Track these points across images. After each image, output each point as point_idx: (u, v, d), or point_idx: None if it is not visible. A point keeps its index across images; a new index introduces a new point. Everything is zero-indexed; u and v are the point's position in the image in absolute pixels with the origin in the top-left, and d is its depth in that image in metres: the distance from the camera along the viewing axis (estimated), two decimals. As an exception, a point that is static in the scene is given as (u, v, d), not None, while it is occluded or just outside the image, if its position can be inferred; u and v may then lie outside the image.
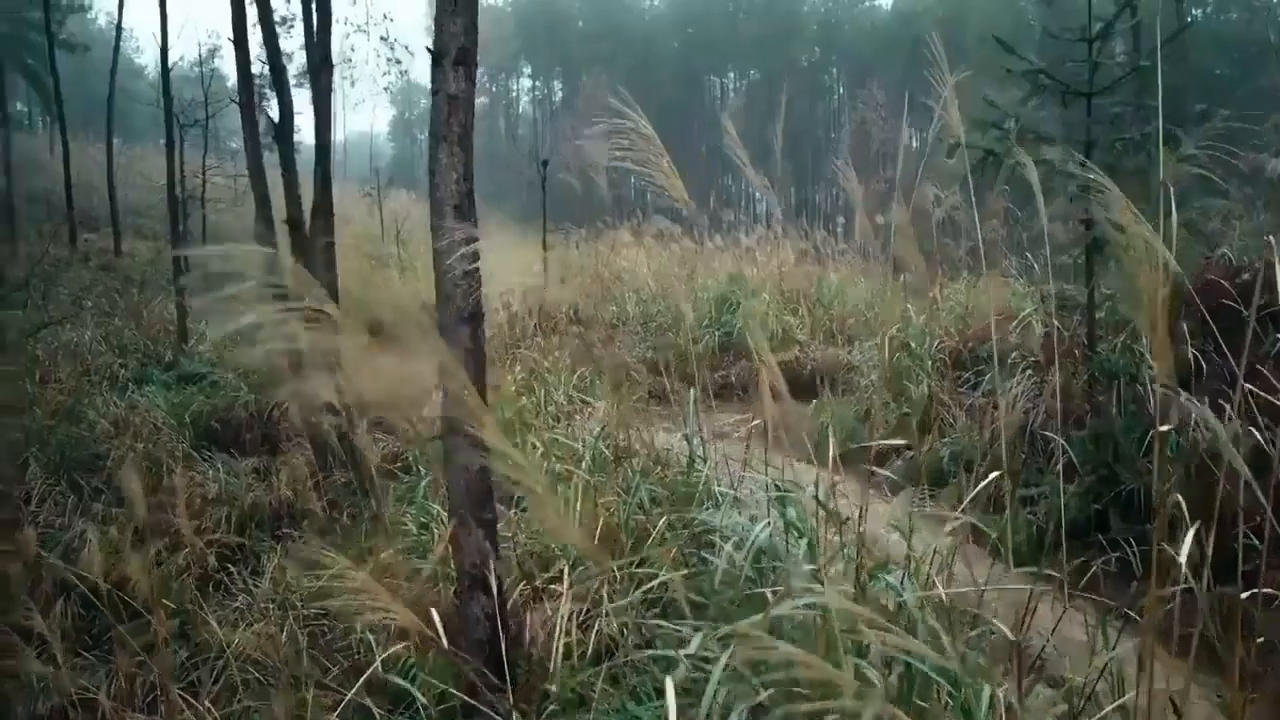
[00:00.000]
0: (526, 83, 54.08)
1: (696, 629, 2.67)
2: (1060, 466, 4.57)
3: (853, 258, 15.22)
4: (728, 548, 2.59)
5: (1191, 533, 2.08)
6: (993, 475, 3.41)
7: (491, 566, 2.87)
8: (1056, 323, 4.16)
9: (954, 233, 11.74)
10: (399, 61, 25.92)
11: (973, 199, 3.36)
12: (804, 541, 2.83)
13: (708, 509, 3.50)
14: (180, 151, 18.35)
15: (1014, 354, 5.49)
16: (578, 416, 6.82)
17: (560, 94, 50.31)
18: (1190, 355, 4.39)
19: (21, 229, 20.41)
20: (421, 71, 45.82)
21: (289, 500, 7.20)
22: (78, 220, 21.31)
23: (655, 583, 2.88)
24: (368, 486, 7.01)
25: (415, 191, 37.55)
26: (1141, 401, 4.33)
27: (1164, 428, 2.34)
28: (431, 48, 2.92)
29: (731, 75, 46.32)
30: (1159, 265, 1.88)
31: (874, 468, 3.26)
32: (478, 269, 2.81)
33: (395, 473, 6.71)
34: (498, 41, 48.32)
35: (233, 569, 6.06)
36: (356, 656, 4.01)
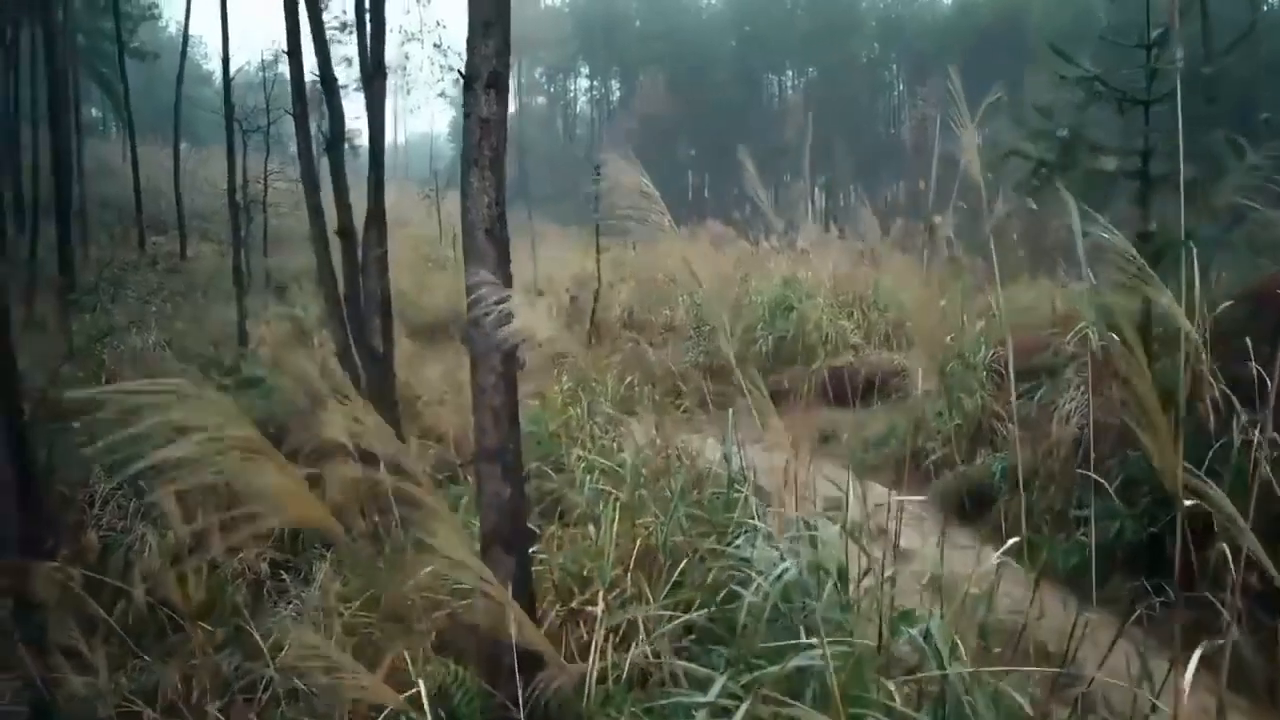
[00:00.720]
0: (584, 83, 54.45)
1: (727, 662, 2.63)
2: (1115, 486, 4.44)
3: (909, 259, 14.99)
4: (756, 584, 2.54)
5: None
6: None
7: (524, 594, 2.85)
8: (1114, 335, 4.01)
9: (1018, 234, 11.49)
10: (452, 68, 26.16)
11: (1031, 204, 3.25)
12: (830, 582, 2.75)
13: (745, 532, 3.44)
14: (243, 157, 18.78)
15: (1068, 367, 5.34)
16: (624, 427, 6.78)
17: (618, 93, 50.44)
18: (1255, 373, 4.22)
19: (93, 233, 21.01)
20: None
21: (339, 507, 7.28)
22: (146, 224, 21.86)
23: (683, 619, 2.84)
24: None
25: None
26: (1202, 419, 4.16)
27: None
28: (464, 71, 2.91)
29: (789, 73, 45.95)
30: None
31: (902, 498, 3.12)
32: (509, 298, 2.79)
33: (444, 482, 6.75)
34: (555, 42, 48.54)
35: (285, 576, 6.14)
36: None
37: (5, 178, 19.08)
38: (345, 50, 26.28)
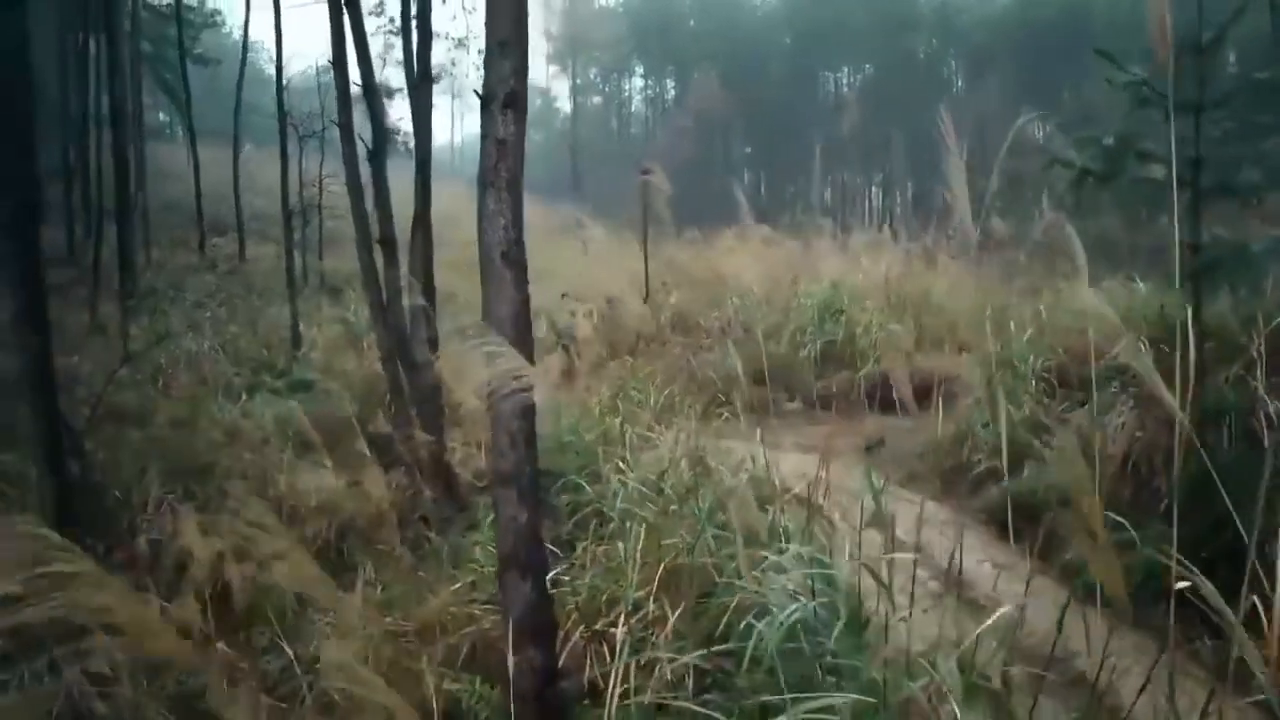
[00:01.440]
0: (639, 82, 54.41)
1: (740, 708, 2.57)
2: (1166, 507, 4.29)
3: (964, 261, 14.70)
4: (771, 618, 2.48)
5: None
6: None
7: (541, 618, 2.82)
8: (1166, 348, 3.87)
9: (1080, 238, 11.17)
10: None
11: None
12: (840, 623, 2.68)
13: (772, 556, 3.36)
14: (299, 161, 19.11)
15: (1115, 379, 5.16)
16: (662, 440, 6.71)
17: (673, 92, 50.32)
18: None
19: (157, 235, 21.52)
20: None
21: (382, 516, 7.34)
22: (207, 227, 22.33)
23: (697, 655, 2.78)
24: (461, 504, 7.12)
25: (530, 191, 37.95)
26: (1257, 440, 3.99)
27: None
28: (480, 90, 2.88)
29: (845, 70, 45.33)
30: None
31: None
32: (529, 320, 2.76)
33: (482, 490, 6.76)
34: (610, 42, 48.56)
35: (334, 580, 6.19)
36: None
37: (74, 182, 19.63)
38: (398, 54, 26.68)
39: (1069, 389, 6.55)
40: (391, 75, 27.42)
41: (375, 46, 25.38)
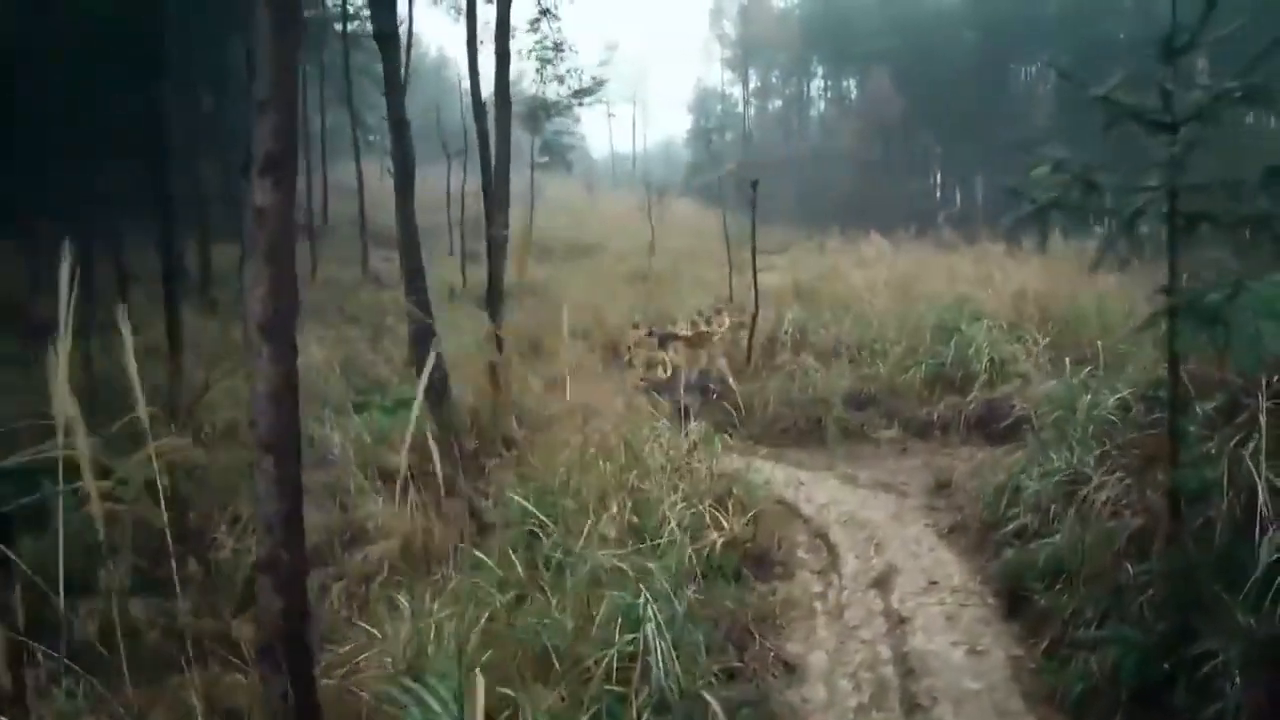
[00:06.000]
0: (819, 84, 53.18)
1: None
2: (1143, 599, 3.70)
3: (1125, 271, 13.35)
4: None
5: None
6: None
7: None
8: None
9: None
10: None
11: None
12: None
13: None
14: (462, 177, 19.94)
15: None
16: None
17: (854, 92, 48.86)
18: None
19: (327, 252, 22.83)
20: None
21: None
22: (376, 242, 23.40)
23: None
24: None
25: (695, 198, 38.09)
26: (1241, 530, 3.26)
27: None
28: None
29: (1039, 62, 42.34)
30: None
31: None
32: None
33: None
34: (786, 43, 47.72)
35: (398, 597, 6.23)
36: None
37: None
38: (556, 70, 27.34)
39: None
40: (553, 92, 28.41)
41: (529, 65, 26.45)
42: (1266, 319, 2.77)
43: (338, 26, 28.12)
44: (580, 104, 29.57)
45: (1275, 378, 3.48)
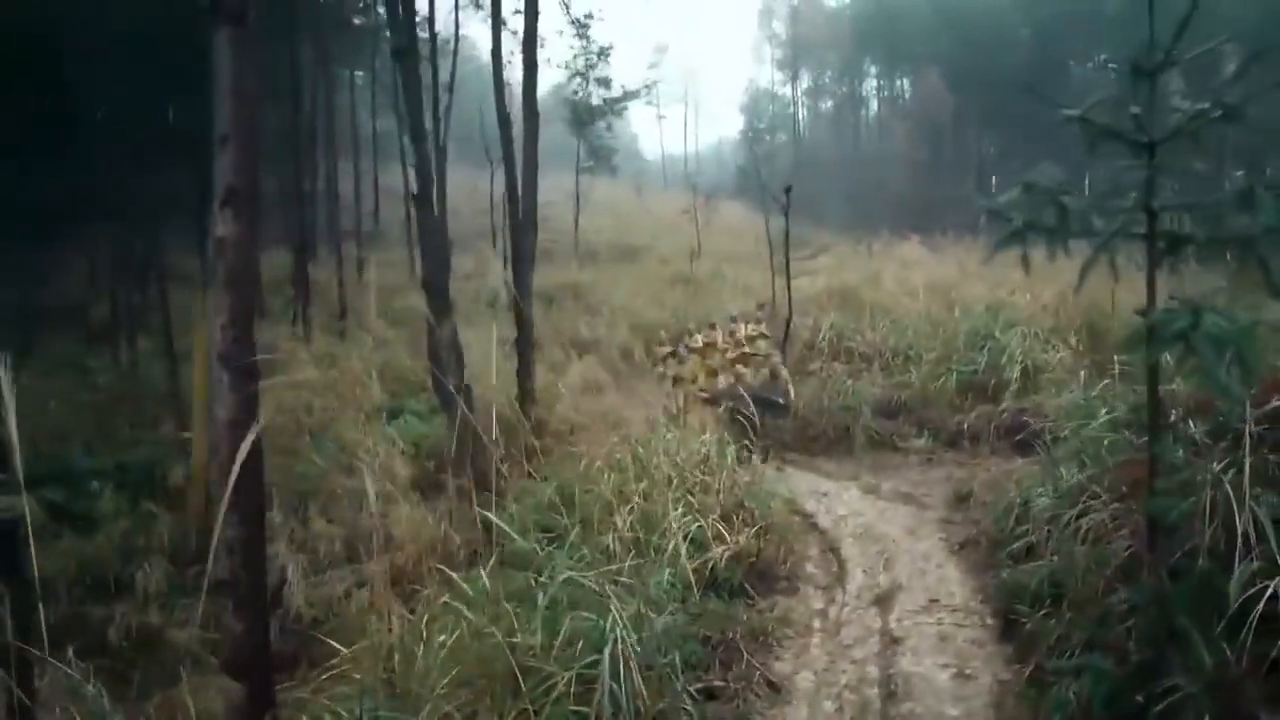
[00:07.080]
0: (872, 83, 52.51)
1: None
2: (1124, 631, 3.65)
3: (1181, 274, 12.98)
4: None
5: None
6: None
7: None
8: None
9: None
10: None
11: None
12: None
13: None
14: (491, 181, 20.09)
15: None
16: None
17: (908, 92, 48.19)
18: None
19: (376, 254, 23.18)
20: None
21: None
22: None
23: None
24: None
25: (746, 200, 37.81)
26: (1223, 560, 3.17)
27: None
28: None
29: (1099, 58, 41.25)
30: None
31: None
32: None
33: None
34: (837, 42, 47.30)
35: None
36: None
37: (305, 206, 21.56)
38: (597, 73, 27.53)
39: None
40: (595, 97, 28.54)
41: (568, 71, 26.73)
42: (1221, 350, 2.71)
43: (387, 33, 28.55)
44: (624, 108, 29.72)
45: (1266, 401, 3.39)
